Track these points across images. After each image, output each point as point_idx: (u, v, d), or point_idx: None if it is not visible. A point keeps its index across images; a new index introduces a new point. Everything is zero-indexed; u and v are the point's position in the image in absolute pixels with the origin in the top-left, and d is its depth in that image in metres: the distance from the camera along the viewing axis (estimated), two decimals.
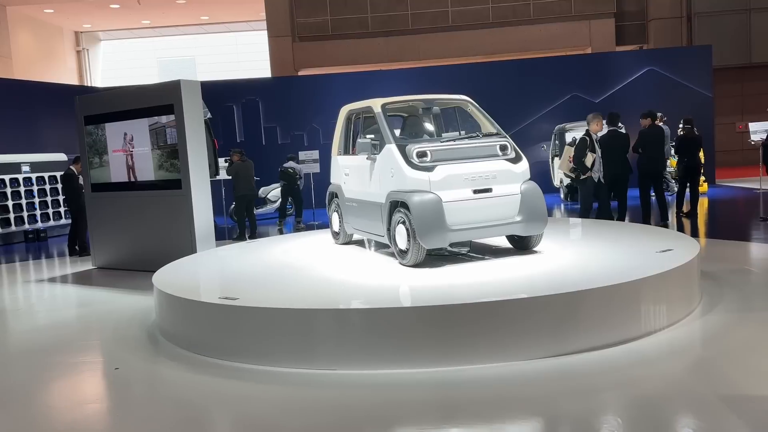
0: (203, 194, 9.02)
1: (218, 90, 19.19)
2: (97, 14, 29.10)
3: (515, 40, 23.72)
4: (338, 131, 7.77)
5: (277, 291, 5.61)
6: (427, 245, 5.92)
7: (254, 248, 8.24)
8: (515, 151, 6.46)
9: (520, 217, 6.20)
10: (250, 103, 18.93)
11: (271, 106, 19.13)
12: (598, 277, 5.18)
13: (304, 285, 5.82)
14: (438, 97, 7.11)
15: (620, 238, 7.12)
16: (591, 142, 9.14)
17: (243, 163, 12.27)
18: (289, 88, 19.42)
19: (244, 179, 12.24)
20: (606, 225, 8.32)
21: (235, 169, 12.27)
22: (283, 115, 19.04)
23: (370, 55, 24.25)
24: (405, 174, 6.04)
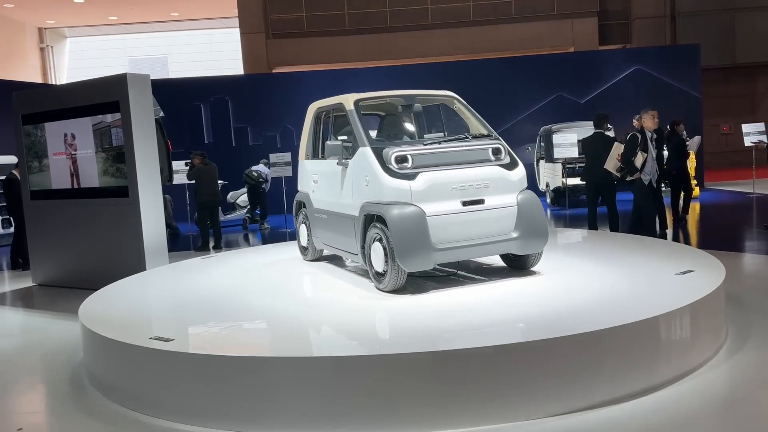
0: (154, 203, 7.97)
1: (185, 88, 18.11)
2: (60, 9, 27.77)
3: (496, 39, 23.00)
4: (306, 132, 6.80)
5: (226, 327, 4.61)
6: (408, 267, 4.97)
7: (211, 265, 7.22)
8: (510, 155, 5.54)
9: (517, 233, 5.28)
10: (219, 102, 17.84)
11: (241, 105, 18.06)
12: (615, 309, 4.28)
13: (261, 317, 4.83)
14: (420, 92, 6.16)
15: (627, 253, 6.23)
16: (643, 140, 8.13)
17: (205, 167, 11.23)
18: (261, 86, 18.36)
19: (206, 184, 11.19)
20: (607, 237, 7.44)
21: (196, 173, 11.22)
22: (255, 115, 17.99)
23: (346, 53, 23.37)
24: (382, 182, 5.09)
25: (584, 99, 18.38)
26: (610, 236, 7.63)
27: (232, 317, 4.85)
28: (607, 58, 19.49)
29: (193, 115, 17.68)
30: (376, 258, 5.19)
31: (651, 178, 8.00)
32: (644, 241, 6.97)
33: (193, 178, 11.32)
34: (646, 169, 7.96)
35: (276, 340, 4.18)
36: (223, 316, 4.85)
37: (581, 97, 18.39)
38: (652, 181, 8.01)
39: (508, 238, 5.25)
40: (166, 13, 30.12)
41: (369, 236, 5.29)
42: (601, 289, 4.96)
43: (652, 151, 7.92)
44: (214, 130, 17.85)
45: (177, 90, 17.78)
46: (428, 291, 5.15)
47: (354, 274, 6.04)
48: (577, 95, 18.44)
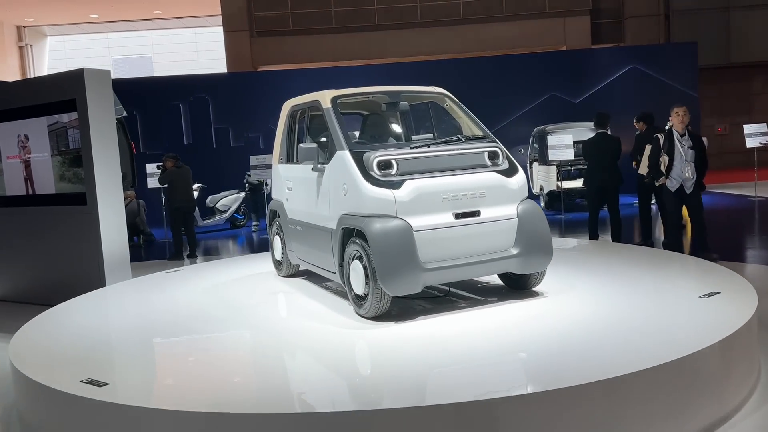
0: (115, 212, 7.24)
1: (163, 87, 17.34)
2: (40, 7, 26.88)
3: (487, 38, 22.40)
4: (279, 133, 6.10)
5: (173, 367, 3.90)
6: (393, 291, 4.28)
7: (176, 280, 6.50)
8: (508, 159, 4.86)
9: (518, 249, 4.60)
10: (199, 101, 17.07)
11: (222, 105, 17.29)
12: (633, 345, 3.61)
13: (217, 354, 4.12)
14: (406, 89, 5.47)
15: (640, 269, 5.56)
16: (668, 142, 7.27)
17: (178, 170, 10.48)
18: (243, 85, 17.60)
19: (179, 189, 10.44)
20: (615, 249, 6.78)
21: (168, 177, 10.47)
22: (237, 115, 17.22)
23: (333, 52, 22.69)
24: (362, 191, 4.40)
25: (578, 99, 17.77)
26: (618, 248, 6.97)
27: (183, 353, 4.14)
28: (602, 57, 18.91)
29: (171, 116, 16.89)
30: (356, 279, 4.50)
31: (680, 183, 7.12)
32: (658, 254, 6.32)
33: (165, 182, 10.57)
34: (672, 173, 7.17)
35: (228, 390, 3.46)
36: (174, 352, 4.14)
37: (575, 97, 17.78)
38: (683, 187, 7.15)
39: (507, 256, 4.57)
40: (149, 11, 29.30)
41: (347, 253, 4.60)
42: (615, 316, 4.28)
43: (681, 153, 7.09)
44: (193, 131, 17.08)
45: (155, 89, 17.04)
46: (416, 317, 4.46)
47: (333, 294, 5.34)
48: (571, 95, 17.82)
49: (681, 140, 6.99)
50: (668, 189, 7.21)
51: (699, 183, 7.06)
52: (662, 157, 7.16)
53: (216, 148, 16.99)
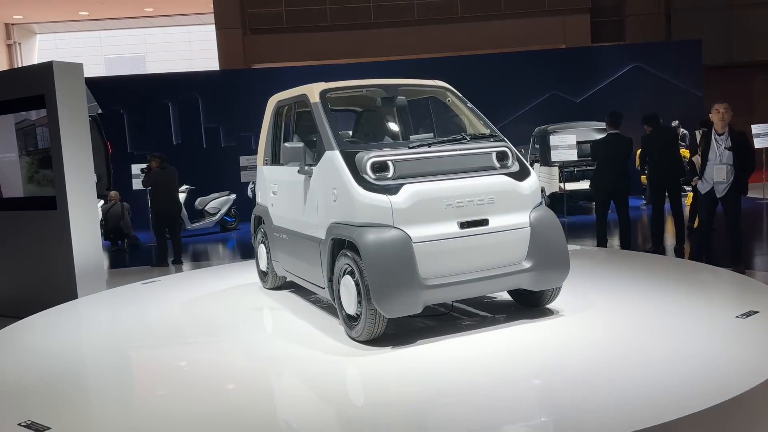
0: (87, 216, 6.67)
1: (150, 85, 16.77)
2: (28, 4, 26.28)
3: (485, 36, 21.91)
4: (264, 131, 5.55)
5: (135, 405, 3.34)
6: (389, 312, 3.73)
7: (152, 293, 5.94)
8: (519, 160, 4.32)
9: (531, 263, 4.06)
10: (188, 100, 16.49)
11: (213, 103, 16.73)
12: (667, 381, 3.07)
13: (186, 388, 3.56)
14: (404, 82, 4.92)
15: (665, 282, 5.02)
16: (705, 140, 6.64)
17: (162, 172, 9.90)
18: (234, 83, 17.04)
19: (163, 192, 9.86)
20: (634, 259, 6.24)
21: (152, 179, 9.90)
22: (228, 114, 16.65)
23: (329, 50, 22.17)
24: (353, 197, 3.85)
25: (580, 98, 17.27)
26: (636, 258, 6.42)
27: (147, 387, 3.58)
28: (604, 55, 18.40)
29: (159, 115, 16.31)
30: (347, 297, 3.95)
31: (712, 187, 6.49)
32: (681, 265, 5.79)
33: (148, 185, 9.99)
34: (705, 175, 6.58)
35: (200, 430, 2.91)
36: (136, 385, 3.59)
37: (577, 96, 17.28)
38: (715, 190, 6.54)
39: (519, 270, 4.03)
40: (140, 8, 28.71)
41: (338, 267, 4.05)
42: (642, 339, 3.74)
43: (717, 154, 6.46)
44: (182, 131, 16.50)
45: (143, 87, 16.46)
46: (415, 340, 3.91)
47: (322, 311, 4.79)
48: (573, 94, 17.32)
49: (718, 140, 6.40)
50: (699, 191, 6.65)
51: (737, 186, 6.41)
52: (696, 156, 6.61)
53: (206, 148, 16.42)
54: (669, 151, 8.30)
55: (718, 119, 6.40)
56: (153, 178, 9.90)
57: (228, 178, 14.59)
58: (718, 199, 6.43)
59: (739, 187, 6.38)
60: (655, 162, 8.24)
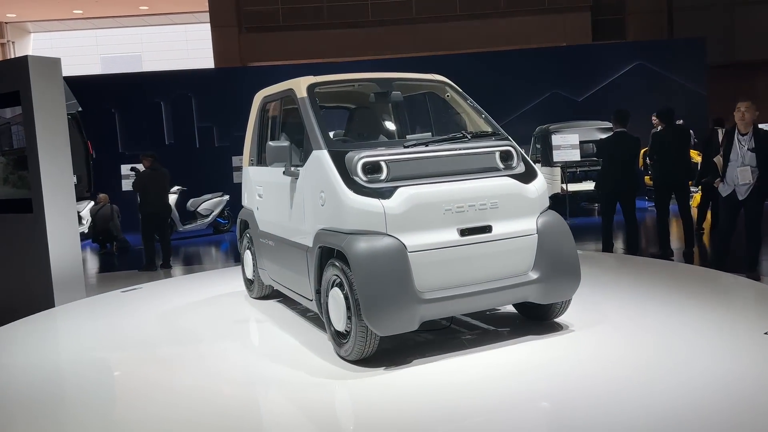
0: (65, 220, 6.29)
1: (143, 84, 16.38)
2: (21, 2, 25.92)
3: (484, 35, 21.58)
4: (250, 129, 5.18)
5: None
6: (381, 330, 3.36)
7: (131, 302, 5.57)
8: (524, 161, 3.96)
9: (538, 273, 3.69)
10: (181, 99, 16.11)
11: (207, 102, 16.34)
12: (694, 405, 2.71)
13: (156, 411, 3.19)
14: (399, 76, 4.55)
15: (681, 293, 4.65)
16: (727, 140, 6.28)
17: (153, 173, 9.50)
18: (228, 81, 16.67)
19: (153, 193, 9.47)
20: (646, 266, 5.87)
21: (141, 181, 9.49)
22: (222, 113, 16.26)
23: (326, 48, 21.83)
24: (342, 201, 3.48)
25: (582, 97, 16.90)
26: (648, 265, 6.04)
27: (108, 414, 3.20)
28: (606, 53, 18.02)
29: (152, 114, 15.93)
30: (336, 311, 3.58)
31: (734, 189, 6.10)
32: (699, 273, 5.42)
33: (138, 188, 9.57)
34: (726, 176, 6.20)
35: None
36: (95, 414, 3.20)
37: (578, 95, 16.91)
38: (737, 193, 6.15)
39: (525, 281, 3.66)
40: (135, 7, 28.35)
41: (325, 278, 3.68)
42: (662, 358, 3.37)
43: (739, 154, 6.08)
44: (175, 130, 16.12)
45: (135, 86, 16.08)
46: (410, 360, 3.54)
47: (310, 324, 4.42)
48: (574, 93, 16.95)
49: (741, 140, 6.01)
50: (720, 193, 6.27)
51: (761, 188, 6.01)
52: (718, 157, 6.23)
53: (199, 148, 16.04)
54: (680, 150, 7.93)
55: (738, 118, 6.03)
56: (143, 180, 9.50)
57: (221, 179, 14.24)
58: (740, 202, 6.05)
59: (763, 190, 6.00)
60: (664, 161, 7.87)
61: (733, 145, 6.04)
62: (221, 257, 11.28)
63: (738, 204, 6.12)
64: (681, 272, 5.57)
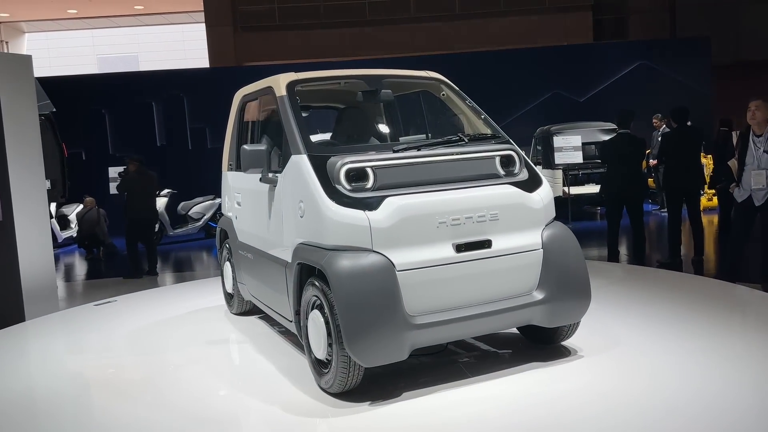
0: (38, 228, 5.90)
1: (133, 83, 15.99)
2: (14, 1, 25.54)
3: (484, 34, 21.22)
4: (229, 131, 4.79)
5: None
6: (365, 360, 2.96)
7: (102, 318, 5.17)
8: (527, 167, 3.56)
9: (543, 294, 3.28)
10: (173, 99, 15.72)
11: (199, 103, 15.95)
12: None
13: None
14: (390, 73, 4.14)
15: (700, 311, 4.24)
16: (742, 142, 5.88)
17: (139, 177, 9.10)
18: (221, 81, 16.25)
19: (138, 198, 9.07)
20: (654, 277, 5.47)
21: (126, 185, 9.09)
22: (215, 114, 15.76)
23: (323, 47, 21.46)
24: (323, 213, 3.08)
25: (584, 97, 16.51)
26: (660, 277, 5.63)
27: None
28: (608, 53, 17.65)
29: (143, 115, 15.53)
30: (316, 336, 3.18)
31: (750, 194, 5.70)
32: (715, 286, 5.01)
33: (124, 190, 9.17)
34: (742, 180, 5.79)
35: None
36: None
37: (580, 95, 16.52)
38: (753, 198, 5.74)
39: (528, 302, 3.26)
40: (130, 6, 27.97)
41: (305, 299, 3.28)
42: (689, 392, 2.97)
43: (754, 157, 5.67)
44: (167, 132, 15.73)
45: (126, 86, 15.69)
46: (400, 392, 3.13)
47: (291, 345, 4.01)
48: (576, 93, 16.56)
49: (756, 142, 5.60)
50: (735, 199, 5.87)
51: None
52: (732, 160, 5.83)
53: (191, 150, 15.64)
54: (693, 153, 7.53)
55: (749, 118, 5.63)
56: (129, 183, 9.11)
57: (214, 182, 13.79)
58: (756, 208, 5.64)
59: None
60: (677, 165, 7.45)
61: (748, 148, 5.64)
62: (212, 263, 10.89)
63: (754, 210, 5.72)
64: (695, 285, 5.17)
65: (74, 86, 14.57)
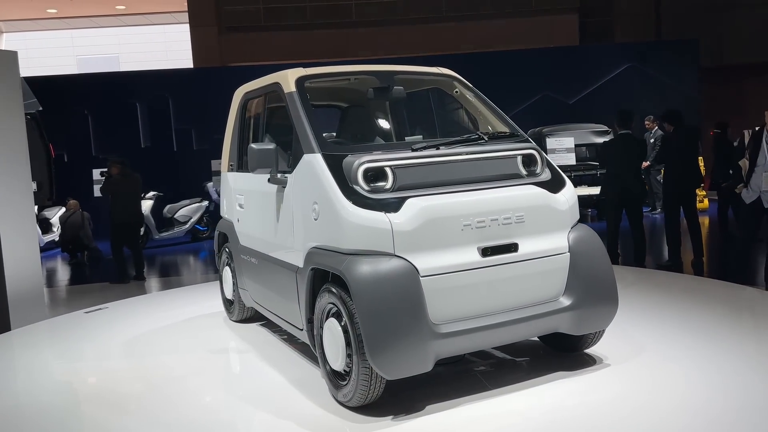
0: (24, 232, 5.64)
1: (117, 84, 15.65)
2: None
3: (471, 36, 21.15)
4: (229, 130, 4.57)
5: None
6: (389, 372, 2.77)
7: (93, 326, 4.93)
8: (550, 166, 3.40)
9: (571, 299, 3.12)
10: (158, 100, 15.41)
11: (185, 104, 15.66)
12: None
13: None
14: (402, 69, 3.97)
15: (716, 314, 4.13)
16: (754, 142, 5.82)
17: (123, 179, 8.82)
18: (207, 81, 15.98)
19: (122, 201, 8.78)
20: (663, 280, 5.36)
21: (111, 187, 8.80)
22: (201, 115, 15.58)
23: (310, 49, 21.23)
24: (341, 215, 2.90)
25: (573, 99, 16.48)
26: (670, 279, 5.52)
27: None
28: (597, 55, 17.68)
29: (127, 116, 15.20)
30: (332, 346, 2.99)
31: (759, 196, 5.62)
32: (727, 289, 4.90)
33: (107, 192, 8.89)
34: (751, 181, 5.70)
35: None
36: None
37: (569, 97, 16.49)
38: (762, 200, 5.66)
39: (556, 309, 3.09)
40: (111, 6, 27.50)
41: (319, 306, 3.09)
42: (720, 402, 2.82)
43: (766, 157, 5.59)
44: (151, 133, 15.41)
45: (110, 86, 15.36)
46: (423, 408, 2.95)
47: (299, 354, 3.81)
48: (565, 95, 16.53)
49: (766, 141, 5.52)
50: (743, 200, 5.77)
51: None
52: (743, 160, 5.74)
53: (176, 152, 15.33)
54: (690, 154, 7.44)
55: None
56: (112, 186, 8.82)
57: (200, 184, 13.57)
58: (765, 210, 5.55)
59: None
60: (676, 167, 7.36)
61: (760, 149, 5.55)
62: (200, 267, 10.62)
63: (763, 212, 5.64)
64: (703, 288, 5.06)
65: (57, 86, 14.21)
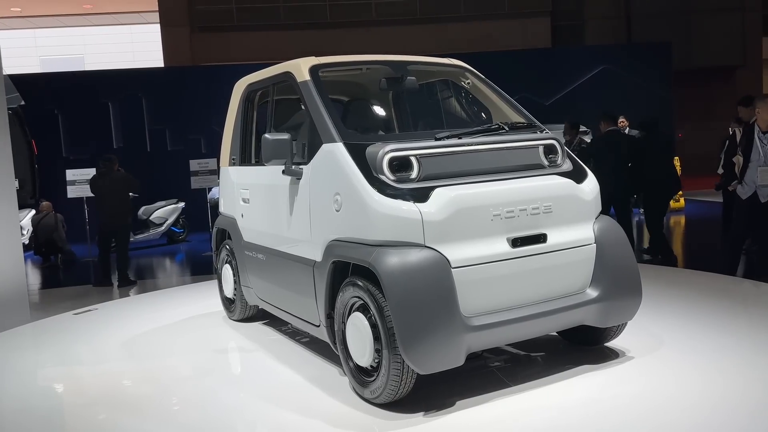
0: (6, 232, 5.39)
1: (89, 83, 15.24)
2: None
3: (444, 39, 21.23)
4: (230, 124, 4.43)
5: None
6: (423, 366, 2.68)
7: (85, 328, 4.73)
8: (570, 157, 3.36)
9: (597, 291, 3.07)
10: (131, 99, 15.04)
11: (158, 104, 15.30)
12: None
13: None
14: (416, 60, 3.90)
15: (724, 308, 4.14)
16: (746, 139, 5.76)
17: (111, 177, 8.47)
18: (182, 82, 15.66)
19: (109, 199, 8.42)
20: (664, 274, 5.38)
21: (97, 185, 8.44)
22: (175, 115, 15.26)
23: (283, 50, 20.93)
24: (368, 206, 2.80)
25: (549, 100, 16.62)
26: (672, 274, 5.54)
27: None
28: (572, 57, 17.89)
29: (99, 116, 14.80)
30: (357, 342, 2.88)
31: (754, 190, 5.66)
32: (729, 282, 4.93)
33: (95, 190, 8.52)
34: (746, 177, 5.75)
35: None
36: None
37: (546, 99, 16.62)
38: (759, 195, 5.70)
39: (582, 301, 3.04)
40: (78, 5, 26.87)
41: (342, 300, 2.98)
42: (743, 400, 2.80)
43: (760, 153, 5.63)
44: (124, 133, 15.03)
45: (80, 86, 14.93)
46: (452, 405, 2.85)
47: (310, 351, 3.69)
48: (542, 96, 16.66)
49: (762, 138, 5.58)
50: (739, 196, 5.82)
51: None
52: (737, 156, 5.79)
53: (150, 152, 14.98)
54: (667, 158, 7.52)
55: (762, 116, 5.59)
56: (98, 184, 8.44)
57: (176, 185, 13.24)
58: (763, 205, 5.61)
59: None
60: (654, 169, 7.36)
61: (753, 145, 5.62)
62: (176, 270, 10.38)
63: (759, 206, 5.69)
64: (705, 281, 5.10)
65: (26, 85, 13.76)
